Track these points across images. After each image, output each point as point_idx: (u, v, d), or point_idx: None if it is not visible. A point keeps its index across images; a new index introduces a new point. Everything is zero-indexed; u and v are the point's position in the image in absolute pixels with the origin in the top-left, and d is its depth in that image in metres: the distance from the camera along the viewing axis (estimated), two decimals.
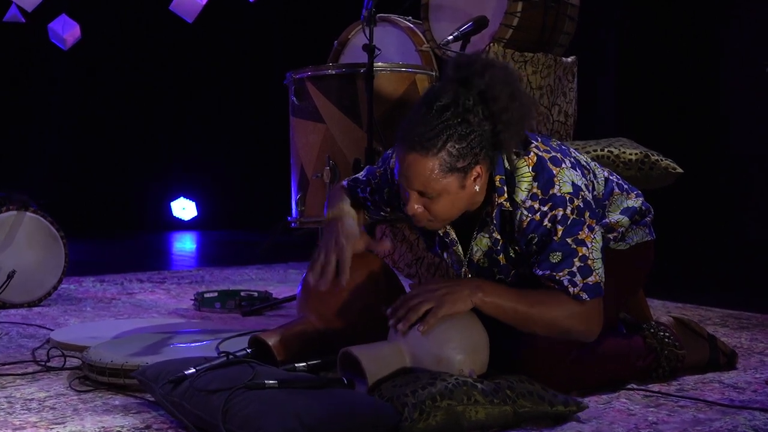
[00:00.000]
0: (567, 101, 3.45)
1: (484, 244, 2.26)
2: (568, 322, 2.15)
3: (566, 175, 2.17)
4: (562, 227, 2.14)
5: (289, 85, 3.14)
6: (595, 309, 2.17)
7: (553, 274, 2.15)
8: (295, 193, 3.10)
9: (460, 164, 2.07)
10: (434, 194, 2.10)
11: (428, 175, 2.07)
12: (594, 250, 2.16)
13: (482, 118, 2.06)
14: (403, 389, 1.93)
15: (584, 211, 2.16)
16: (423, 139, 2.05)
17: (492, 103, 2.06)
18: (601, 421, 2.08)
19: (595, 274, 2.16)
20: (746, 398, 2.29)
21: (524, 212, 2.15)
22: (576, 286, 2.14)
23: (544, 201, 2.14)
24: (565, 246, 2.14)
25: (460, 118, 2.04)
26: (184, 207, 8.27)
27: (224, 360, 2.11)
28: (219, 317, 3.47)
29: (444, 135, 2.04)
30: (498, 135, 2.08)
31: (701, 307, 3.82)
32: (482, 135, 2.07)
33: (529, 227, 2.16)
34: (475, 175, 2.11)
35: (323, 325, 2.28)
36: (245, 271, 5.01)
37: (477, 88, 2.06)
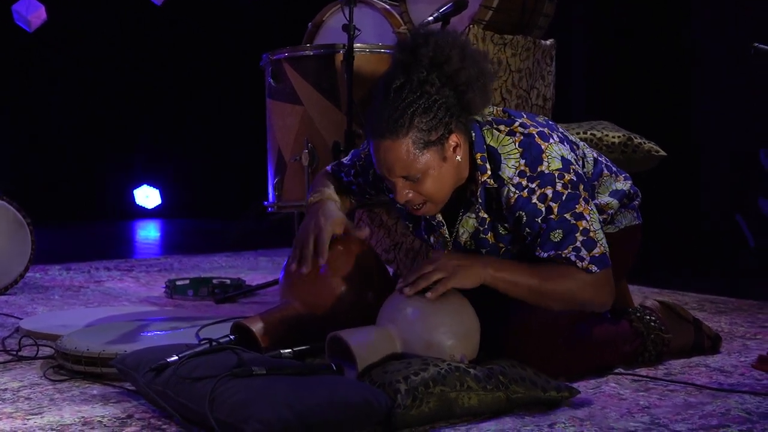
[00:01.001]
0: (545, 84, 3.41)
1: (470, 225, 2.22)
2: (582, 293, 2.12)
3: (555, 150, 2.13)
4: (557, 203, 2.10)
5: (266, 66, 3.06)
6: (606, 279, 2.15)
7: (558, 253, 2.11)
8: (272, 177, 3.03)
9: (433, 137, 2.03)
10: (418, 174, 2.06)
11: (405, 157, 2.03)
12: (594, 222, 2.13)
13: (440, 85, 2.02)
14: (395, 375, 1.88)
15: (578, 183, 2.13)
16: (389, 124, 2.01)
17: (445, 67, 2.02)
18: (593, 406, 2.05)
19: (600, 245, 2.13)
20: (734, 382, 2.28)
21: (511, 189, 2.11)
22: (584, 261, 2.11)
23: (532, 178, 2.10)
24: (565, 222, 2.10)
25: (419, 91, 2.01)
26: (148, 195, 8.14)
27: (208, 347, 2.05)
28: (192, 305, 3.40)
29: (408, 113, 2.00)
30: (462, 96, 2.04)
31: (677, 291, 3.82)
32: (446, 101, 2.03)
33: (516, 204, 2.11)
34: (452, 144, 2.07)
35: (307, 310, 2.22)
36: (215, 259, 4.92)
37: (426, 57, 2.02)
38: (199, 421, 1.82)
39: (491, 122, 2.18)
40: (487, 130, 2.17)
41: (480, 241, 2.23)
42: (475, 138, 2.14)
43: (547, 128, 2.19)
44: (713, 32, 6.34)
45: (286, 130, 2.95)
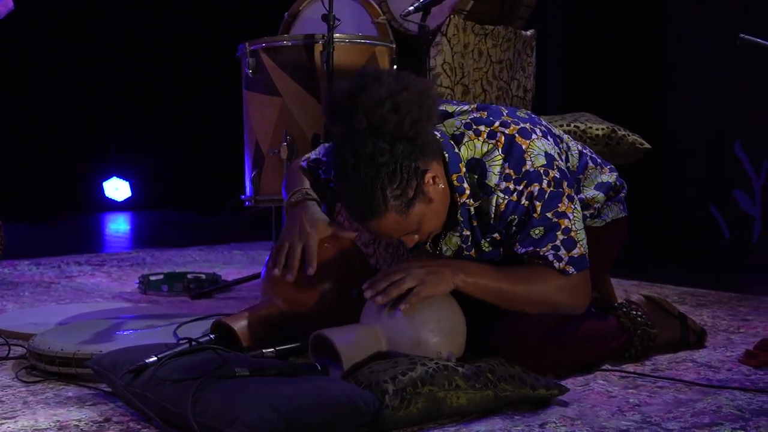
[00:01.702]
0: (526, 75, 3.37)
1: (453, 243, 2.18)
2: (556, 297, 2.09)
3: (537, 146, 2.09)
4: (540, 202, 2.06)
5: (242, 57, 2.99)
6: (583, 281, 2.11)
7: (536, 250, 2.07)
8: (249, 171, 2.96)
9: (410, 193, 1.95)
10: (416, 227, 2.01)
11: (396, 225, 1.98)
12: (576, 221, 2.09)
13: (390, 147, 1.90)
14: (382, 375, 1.83)
15: (561, 181, 2.08)
16: (365, 208, 1.94)
17: (385, 127, 1.89)
18: (583, 404, 2.01)
19: (579, 245, 2.09)
20: (723, 377, 2.25)
21: (500, 195, 2.07)
22: (561, 261, 2.07)
23: (519, 180, 2.06)
24: (546, 220, 2.06)
25: (373, 165, 1.89)
26: (117, 187, 8.02)
27: (187, 347, 1.98)
28: (167, 301, 3.32)
29: (377, 191, 1.91)
30: (416, 141, 1.93)
31: (656, 284, 3.80)
32: (403, 156, 1.92)
33: (507, 210, 2.07)
34: (429, 183, 1.99)
35: (290, 308, 2.16)
36: (188, 253, 4.84)
37: (362, 126, 1.89)
38: (180, 424, 1.75)
39: (470, 125, 2.12)
40: (467, 142, 2.10)
41: (463, 258, 2.19)
42: (449, 158, 2.08)
43: (528, 123, 2.14)
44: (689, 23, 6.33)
45: (263, 122, 2.88)
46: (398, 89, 1.92)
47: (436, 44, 3.02)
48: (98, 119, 7.72)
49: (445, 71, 3.04)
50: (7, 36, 6.92)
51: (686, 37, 6.33)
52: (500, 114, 2.15)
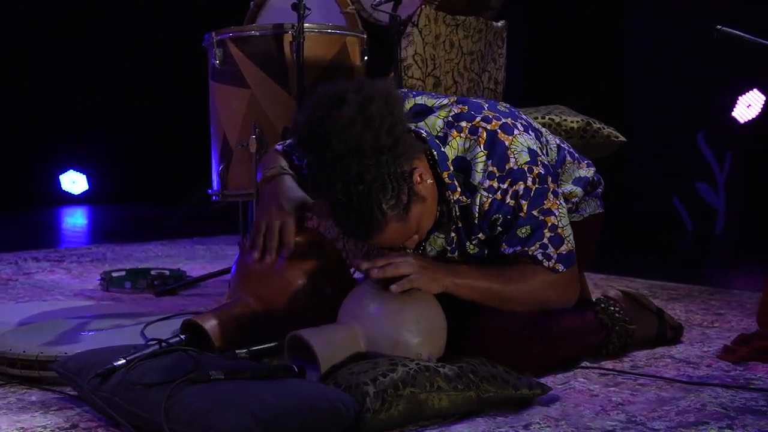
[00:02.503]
0: (497, 67, 3.33)
1: (438, 245, 2.14)
2: (547, 294, 2.08)
3: (520, 142, 2.05)
4: (526, 201, 2.02)
5: (208, 47, 2.90)
6: (572, 277, 2.10)
7: (525, 250, 2.04)
8: (216, 164, 2.87)
9: (405, 199, 1.90)
10: (416, 228, 1.97)
11: (398, 233, 1.94)
12: (562, 217, 2.07)
13: (374, 162, 1.84)
14: (362, 377, 1.77)
15: (546, 177, 2.05)
16: (365, 228, 1.89)
17: (363, 146, 1.84)
18: (566, 403, 1.97)
19: (567, 242, 2.07)
20: (703, 374, 2.22)
21: (483, 194, 2.02)
22: (551, 259, 2.04)
23: (502, 178, 2.02)
24: (533, 219, 2.03)
25: (362, 183, 1.84)
26: (74, 180, 7.85)
27: (157, 348, 1.90)
28: (131, 298, 3.22)
29: (374, 209, 1.86)
30: (396, 148, 1.88)
31: (625, 278, 3.78)
32: (389, 165, 1.86)
33: (491, 208, 2.03)
34: (417, 181, 1.94)
35: (262, 306, 2.09)
36: (149, 248, 4.73)
37: (340, 152, 1.83)
38: (152, 431, 1.67)
39: (451, 123, 2.07)
40: (451, 140, 2.05)
41: (447, 260, 2.15)
42: (438, 156, 2.03)
43: (510, 118, 2.10)
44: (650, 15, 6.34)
45: (231, 115, 2.79)
46: (364, 103, 1.85)
47: (407, 35, 2.96)
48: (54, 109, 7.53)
49: (416, 62, 2.99)
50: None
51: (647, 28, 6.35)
52: (481, 108, 2.10)
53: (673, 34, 6.11)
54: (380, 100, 1.87)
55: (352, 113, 1.83)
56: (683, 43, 6.01)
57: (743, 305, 3.17)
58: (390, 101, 1.89)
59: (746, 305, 3.17)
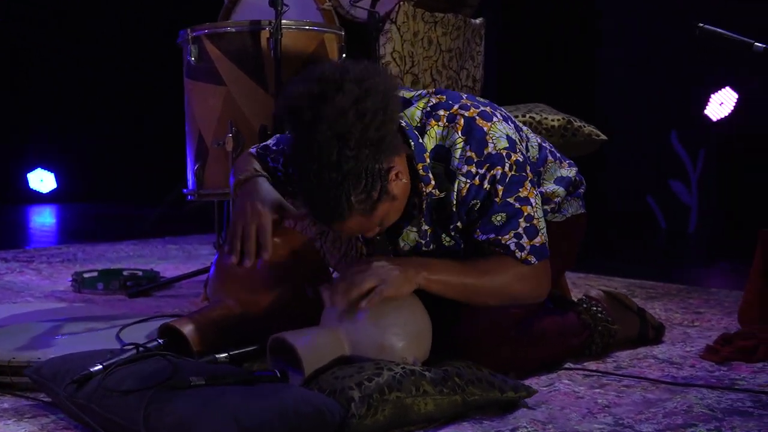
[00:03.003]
0: (475, 65, 3.30)
1: (411, 239, 2.09)
2: (517, 287, 2.03)
3: (498, 129, 2.01)
4: (502, 186, 1.98)
5: (184, 44, 2.84)
6: (544, 271, 2.05)
7: (498, 238, 1.99)
8: (192, 163, 2.82)
9: (375, 195, 1.85)
10: (379, 223, 1.92)
11: (360, 226, 1.90)
12: (538, 208, 2.03)
13: (355, 153, 1.80)
14: (347, 381, 1.73)
15: (524, 165, 2.01)
16: (329, 212, 1.84)
17: (350, 134, 1.79)
18: (551, 406, 1.94)
19: (541, 234, 2.03)
20: (687, 375, 2.20)
21: (462, 179, 1.98)
22: (523, 250, 2.00)
23: (481, 163, 1.97)
24: (508, 206, 1.98)
25: (338, 171, 1.79)
26: (42, 179, 7.73)
27: (135, 353, 1.85)
28: (103, 299, 3.15)
29: (342, 198, 1.81)
30: (381, 144, 1.84)
31: (603, 276, 3.77)
32: (368, 160, 1.82)
33: (469, 194, 1.99)
34: (392, 179, 1.89)
35: (242, 309, 2.05)
36: (120, 248, 4.65)
37: (324, 136, 1.79)
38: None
39: (429, 113, 2.03)
40: (429, 130, 2.01)
41: (422, 254, 2.10)
42: (415, 148, 1.99)
43: (489, 107, 2.07)
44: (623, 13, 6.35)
45: (207, 113, 2.73)
46: (362, 95, 1.81)
47: (386, 32, 2.92)
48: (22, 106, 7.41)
49: (394, 60, 2.95)
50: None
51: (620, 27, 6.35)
52: (459, 98, 2.07)
53: (646, 33, 6.12)
54: (377, 96, 1.83)
55: (346, 103, 1.80)
56: (656, 42, 6.02)
57: (721, 304, 3.17)
58: (387, 98, 1.85)
59: (724, 304, 3.17)
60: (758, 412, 1.90)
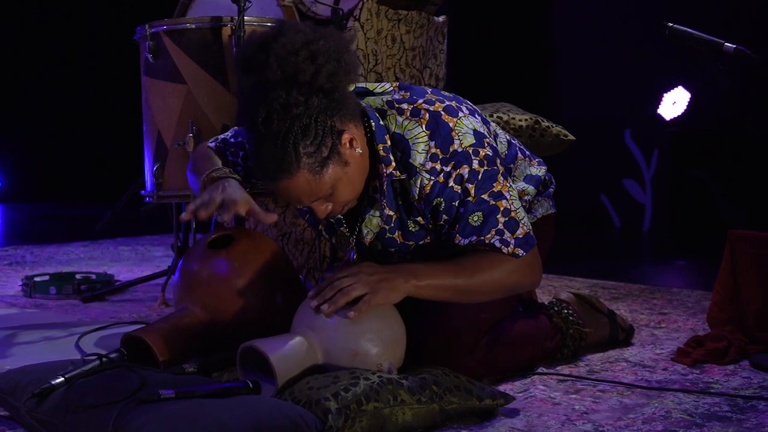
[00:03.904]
0: (438, 64, 3.25)
1: (374, 225, 2.01)
2: (512, 280, 1.96)
3: (465, 124, 1.94)
4: (473, 184, 1.91)
5: (141, 40, 2.74)
6: (534, 259, 1.99)
7: (481, 239, 1.93)
8: (150, 164, 2.72)
9: (325, 152, 1.80)
10: (329, 191, 1.85)
11: (308, 187, 1.82)
12: (514, 200, 1.96)
13: (305, 99, 1.75)
14: (323, 392, 1.67)
15: (494, 158, 1.95)
16: (276, 165, 1.78)
17: (300, 77, 1.75)
18: (529, 413, 1.90)
19: (522, 225, 1.96)
20: (661, 378, 2.18)
21: (425, 176, 1.91)
22: (509, 245, 1.94)
23: (446, 160, 1.91)
24: (483, 204, 1.92)
25: (287, 117, 1.74)
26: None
27: (98, 364, 1.77)
28: (56, 304, 3.04)
29: (289, 146, 1.75)
30: (332, 94, 1.78)
31: (564, 276, 3.76)
32: (319, 110, 1.77)
33: (433, 191, 1.92)
34: (346, 144, 1.84)
35: (209, 316, 1.97)
36: (70, 249, 4.53)
37: (276, 76, 1.75)
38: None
39: (392, 103, 1.97)
40: (390, 116, 1.96)
41: (387, 241, 2.04)
42: (375, 128, 1.93)
43: (454, 101, 2.00)
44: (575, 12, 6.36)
45: (166, 112, 2.64)
46: (315, 38, 1.79)
47: (349, 29, 2.85)
48: None
49: (358, 58, 2.88)
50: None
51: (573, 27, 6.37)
52: (424, 93, 2.01)
53: (599, 32, 6.13)
54: (331, 43, 1.80)
55: (298, 42, 1.77)
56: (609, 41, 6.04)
57: (685, 304, 3.17)
58: (342, 50, 1.81)
59: (687, 304, 3.17)
60: (737, 417, 1.88)
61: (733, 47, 2.32)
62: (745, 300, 2.49)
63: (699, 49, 2.41)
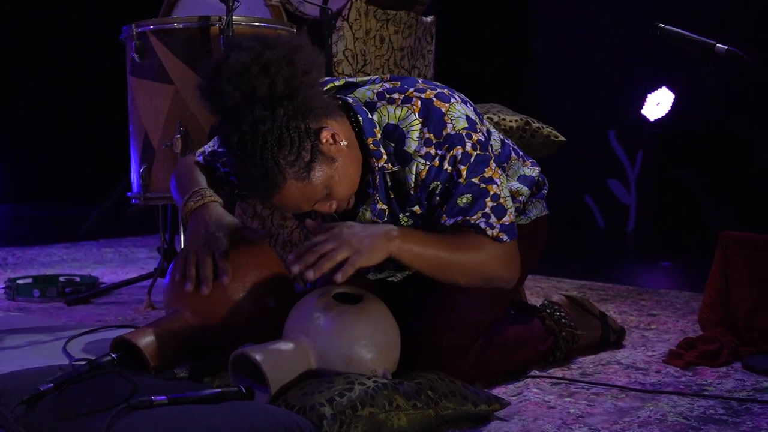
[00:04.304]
0: (426, 64, 3.23)
1: (367, 218, 1.98)
2: (492, 266, 1.92)
3: (457, 109, 1.92)
4: (465, 166, 1.89)
5: (127, 40, 2.71)
6: (515, 251, 1.96)
7: (466, 218, 1.90)
8: (137, 165, 2.68)
9: (306, 157, 1.77)
10: (325, 191, 1.83)
11: (300, 194, 1.81)
12: (503, 187, 1.94)
13: (269, 112, 1.72)
14: (317, 397, 1.64)
15: (486, 144, 1.93)
16: (262, 184, 1.77)
17: (259, 92, 1.72)
18: (524, 417, 1.88)
19: (509, 213, 1.94)
20: (655, 381, 2.17)
21: (420, 161, 1.89)
22: (493, 228, 1.91)
23: (440, 144, 1.89)
24: (473, 186, 1.89)
25: (258, 135, 1.72)
26: None
27: (88, 370, 1.73)
28: (40, 308, 3.00)
29: (269, 163, 1.74)
30: (292, 100, 1.75)
31: (552, 278, 3.75)
32: (286, 118, 1.74)
33: (429, 176, 1.90)
34: (327, 141, 1.81)
35: (200, 321, 1.93)
36: (53, 251, 4.47)
37: (235, 97, 1.72)
38: None
39: (382, 94, 1.95)
40: (381, 107, 1.93)
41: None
42: (363, 122, 1.91)
43: (446, 89, 1.98)
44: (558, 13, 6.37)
45: (153, 112, 2.61)
46: (262, 50, 1.76)
47: (338, 29, 2.83)
48: None
49: (347, 58, 2.86)
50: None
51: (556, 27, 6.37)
52: (415, 82, 1.99)
53: (584, 33, 6.14)
54: (280, 50, 1.77)
55: (246, 59, 1.74)
56: (594, 42, 6.05)
57: (673, 305, 3.17)
58: (292, 52, 1.78)
59: (676, 305, 3.17)
60: (732, 420, 1.87)
61: (725, 48, 2.32)
62: (736, 301, 2.48)
63: (690, 50, 2.40)
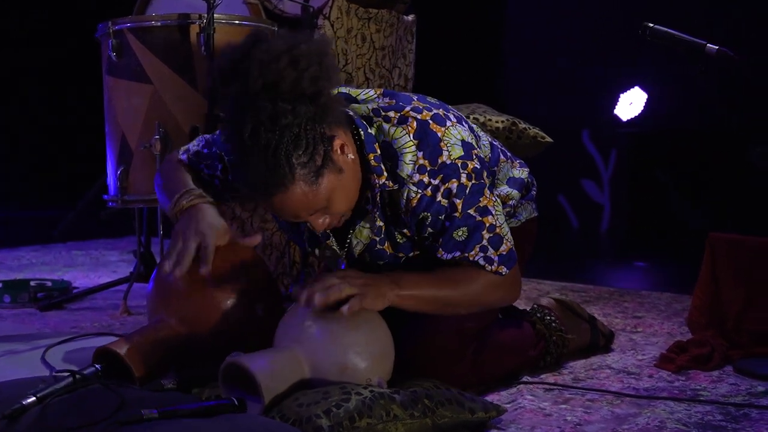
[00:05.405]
0: (407, 63, 3.18)
1: (364, 236, 1.95)
2: (493, 296, 1.95)
3: (453, 134, 1.88)
4: (461, 199, 1.85)
5: (103, 38, 2.63)
6: (515, 276, 1.97)
7: (465, 255, 1.88)
8: (113, 167, 2.60)
9: (319, 160, 1.71)
10: (325, 202, 1.77)
11: (305, 199, 1.73)
12: (499, 215, 1.92)
13: (291, 107, 1.67)
14: (313, 408, 1.59)
15: (481, 171, 1.89)
16: (270, 179, 1.68)
17: (283, 84, 1.67)
18: (521, 425, 1.84)
19: (506, 241, 1.92)
20: (648, 386, 2.14)
21: (412, 188, 1.85)
22: (492, 263, 1.90)
23: (434, 173, 1.84)
24: (469, 219, 1.87)
25: (276, 128, 1.66)
26: None
27: (72, 382, 1.66)
28: (12, 314, 2.90)
29: (281, 158, 1.67)
30: (317, 100, 1.70)
31: (532, 279, 3.72)
32: (307, 118, 1.68)
33: (420, 205, 1.85)
34: (338, 150, 1.76)
35: (186, 329, 1.87)
36: (20, 254, 4.37)
37: (256, 86, 1.66)
38: None
39: (378, 111, 1.90)
40: (377, 124, 1.89)
41: (376, 253, 1.97)
42: (365, 137, 1.86)
43: (441, 109, 1.94)
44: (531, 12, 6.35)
45: (131, 113, 2.53)
46: (296, 42, 1.71)
47: (319, 28, 2.78)
48: None
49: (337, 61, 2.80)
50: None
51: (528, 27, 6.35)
52: (410, 99, 1.94)
53: (557, 32, 6.13)
54: (313, 47, 1.73)
55: (280, 47, 1.69)
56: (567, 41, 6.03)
57: (657, 307, 3.15)
58: (321, 54, 1.73)
59: (659, 307, 3.15)
60: (732, 426, 1.84)
61: (715, 48, 2.29)
62: (725, 303, 2.46)
63: (679, 51, 2.38)
